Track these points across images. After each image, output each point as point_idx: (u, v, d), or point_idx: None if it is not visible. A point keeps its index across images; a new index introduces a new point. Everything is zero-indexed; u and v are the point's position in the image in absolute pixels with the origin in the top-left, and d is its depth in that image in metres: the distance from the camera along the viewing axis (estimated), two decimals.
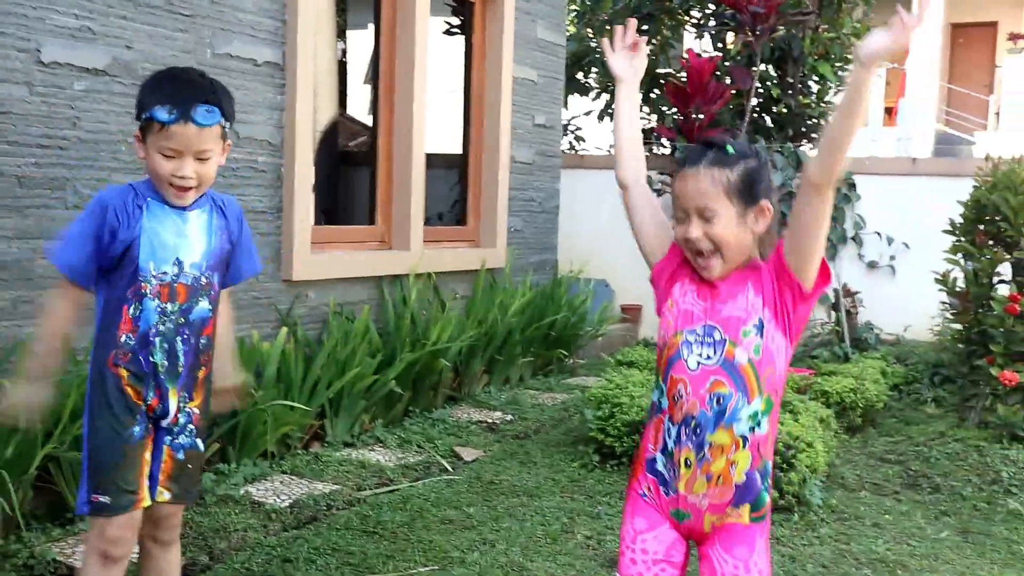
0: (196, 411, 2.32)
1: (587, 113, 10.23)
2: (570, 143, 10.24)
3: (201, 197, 2.28)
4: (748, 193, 1.89)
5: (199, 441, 2.34)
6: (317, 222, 5.30)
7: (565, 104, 9.74)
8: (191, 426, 2.31)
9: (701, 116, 7.68)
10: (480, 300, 5.66)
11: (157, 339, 2.21)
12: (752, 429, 1.90)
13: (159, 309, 2.21)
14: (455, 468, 4.20)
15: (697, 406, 1.90)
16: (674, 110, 8.31)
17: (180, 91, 2.15)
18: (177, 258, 2.23)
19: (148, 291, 2.20)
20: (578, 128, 10.34)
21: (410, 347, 4.79)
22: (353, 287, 4.95)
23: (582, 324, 6.46)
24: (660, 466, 1.96)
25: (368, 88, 7.22)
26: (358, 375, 4.35)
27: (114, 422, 2.20)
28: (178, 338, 2.24)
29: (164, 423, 2.27)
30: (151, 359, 2.22)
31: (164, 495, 2.28)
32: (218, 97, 2.19)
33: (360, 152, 7.49)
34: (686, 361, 1.91)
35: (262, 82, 4.31)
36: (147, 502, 2.25)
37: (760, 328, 1.89)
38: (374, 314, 4.99)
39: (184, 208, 2.24)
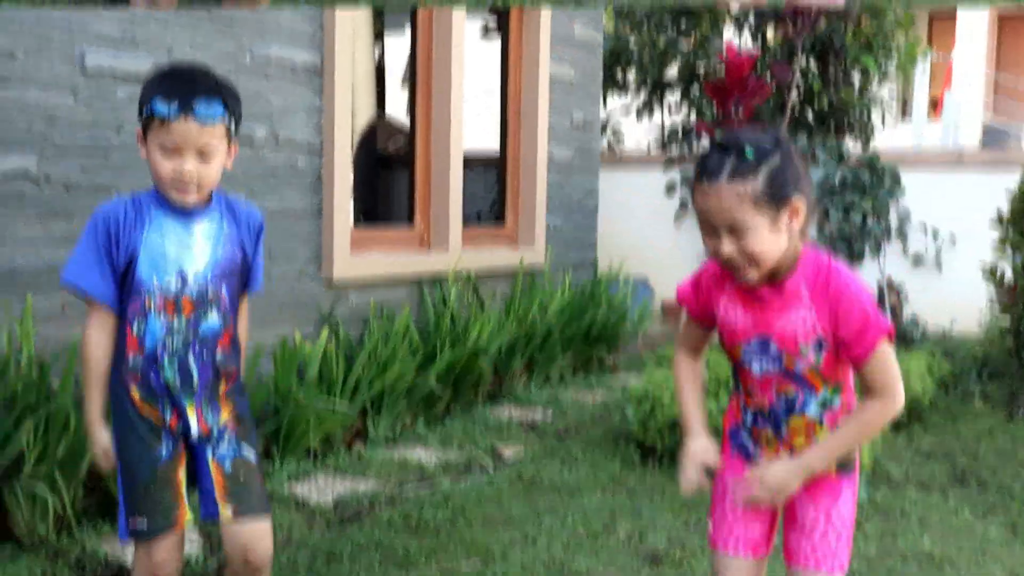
0: (230, 423, 2.23)
1: (626, 111, 10.20)
2: (608, 141, 10.21)
3: (210, 204, 2.17)
4: (777, 196, 1.76)
5: (244, 447, 2.24)
6: (356, 223, 5.35)
7: (603, 102, 9.73)
8: (229, 434, 2.22)
9: (741, 111, 7.62)
10: (519, 299, 5.67)
11: (165, 356, 2.11)
12: (825, 410, 1.96)
13: (165, 325, 2.11)
14: (496, 466, 4.21)
15: (767, 403, 1.97)
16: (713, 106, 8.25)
17: (181, 86, 2.04)
18: (180, 270, 2.11)
19: (152, 306, 2.09)
20: (617, 125, 10.32)
21: (450, 346, 4.81)
22: (393, 287, 4.99)
23: (622, 322, 6.44)
24: (743, 438, 2.05)
25: (406, 89, 7.26)
26: (399, 374, 4.38)
27: (140, 444, 2.14)
28: (190, 354, 2.13)
29: (193, 436, 2.18)
30: (161, 378, 2.13)
31: (227, 511, 2.19)
32: (221, 94, 2.07)
33: (398, 153, 7.55)
34: (750, 368, 1.97)
35: (301, 85, 4.36)
36: (188, 516, 2.19)
37: (820, 346, 1.89)
38: (414, 314, 5.02)
39: (190, 216, 2.13)
